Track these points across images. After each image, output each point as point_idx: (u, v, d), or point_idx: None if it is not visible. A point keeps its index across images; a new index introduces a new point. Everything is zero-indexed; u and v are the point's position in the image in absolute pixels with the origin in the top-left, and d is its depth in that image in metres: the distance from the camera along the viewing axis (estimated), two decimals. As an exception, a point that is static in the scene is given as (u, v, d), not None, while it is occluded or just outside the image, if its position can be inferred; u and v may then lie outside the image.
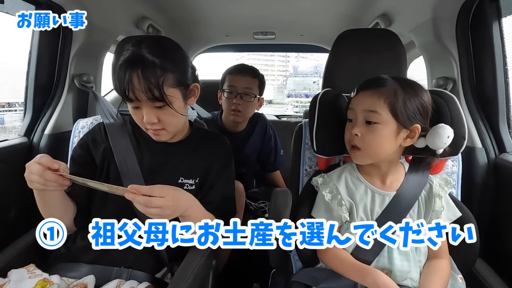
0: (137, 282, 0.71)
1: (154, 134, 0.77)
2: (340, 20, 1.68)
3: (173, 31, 1.76)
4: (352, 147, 0.73)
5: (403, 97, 0.68)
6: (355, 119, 0.73)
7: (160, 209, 0.62)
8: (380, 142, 0.70)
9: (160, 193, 0.63)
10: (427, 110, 0.70)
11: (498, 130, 1.03)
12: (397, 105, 0.67)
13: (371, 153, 0.72)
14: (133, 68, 0.68)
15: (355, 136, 0.71)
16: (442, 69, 1.20)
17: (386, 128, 0.69)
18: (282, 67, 71.39)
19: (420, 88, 0.71)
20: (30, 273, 0.67)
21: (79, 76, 1.22)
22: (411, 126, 0.69)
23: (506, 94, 1.03)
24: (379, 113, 0.68)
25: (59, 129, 1.16)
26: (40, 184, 0.62)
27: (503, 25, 1.02)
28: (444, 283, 0.68)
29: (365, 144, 0.71)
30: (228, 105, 1.34)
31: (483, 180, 1.01)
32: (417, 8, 1.22)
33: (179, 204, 0.67)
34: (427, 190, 0.75)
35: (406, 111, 0.67)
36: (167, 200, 0.63)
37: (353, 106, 0.73)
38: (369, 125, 0.69)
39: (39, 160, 0.62)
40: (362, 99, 0.71)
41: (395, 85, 0.69)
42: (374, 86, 0.70)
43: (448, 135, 0.69)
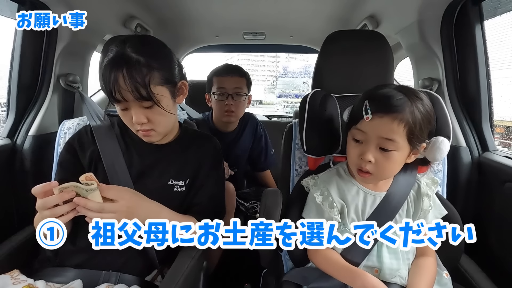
0: (126, 286, 0.70)
1: (144, 135, 0.76)
2: (328, 22, 1.70)
3: (162, 31, 1.74)
4: (361, 171, 0.69)
5: (419, 120, 0.64)
6: (366, 143, 0.67)
7: (115, 214, 0.60)
8: (394, 167, 0.68)
9: (114, 195, 0.61)
10: (432, 125, 0.70)
11: (481, 130, 1.07)
12: (415, 131, 0.64)
13: (383, 177, 0.71)
14: (118, 68, 0.67)
15: (367, 162, 0.67)
16: (427, 70, 1.23)
17: (401, 154, 0.67)
18: (272, 68, 71.60)
19: (426, 101, 0.67)
20: (14, 279, 0.64)
21: (65, 76, 1.19)
22: (420, 146, 0.69)
23: (488, 94, 1.06)
24: (397, 141, 0.64)
25: (44, 131, 1.13)
26: (57, 215, 0.59)
27: (485, 28, 1.06)
28: (431, 280, 0.70)
29: (379, 170, 0.67)
30: (220, 106, 1.34)
31: (467, 178, 1.04)
32: (403, 11, 1.25)
33: (135, 211, 0.64)
34: (416, 189, 0.76)
35: (420, 135, 0.66)
36: (121, 206, 0.61)
37: (365, 129, 0.67)
38: (384, 152, 0.66)
39: (35, 194, 0.59)
40: (379, 125, 0.64)
41: (411, 106, 0.64)
42: (393, 110, 0.63)
43: (447, 149, 0.70)
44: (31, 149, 1.08)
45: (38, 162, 1.08)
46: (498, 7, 1.09)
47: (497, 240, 0.92)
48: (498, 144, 1.10)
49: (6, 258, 0.81)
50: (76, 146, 0.81)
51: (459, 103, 1.10)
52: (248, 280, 1.26)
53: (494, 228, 0.93)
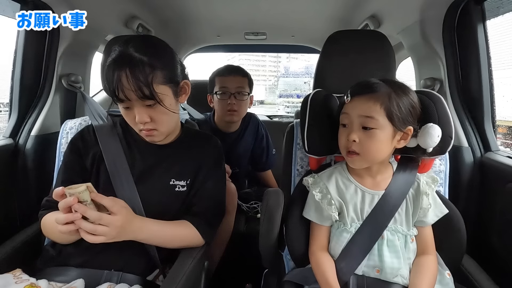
0: (128, 285, 0.70)
1: (147, 135, 0.77)
2: (330, 21, 1.70)
3: (163, 31, 1.74)
4: (349, 152, 0.73)
5: (397, 101, 0.68)
6: (350, 124, 0.72)
7: (108, 228, 0.61)
8: (378, 146, 0.70)
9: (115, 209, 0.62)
10: (417, 111, 0.72)
11: (483, 130, 1.06)
12: (392, 109, 0.67)
13: (369, 157, 0.72)
14: (121, 67, 0.67)
15: (352, 142, 0.71)
16: (429, 70, 1.23)
17: (383, 133, 0.69)
18: (273, 68, 71.48)
19: (408, 89, 0.72)
20: (16, 278, 0.65)
21: (67, 76, 1.20)
22: (405, 129, 0.70)
23: (490, 94, 1.06)
24: (376, 118, 0.68)
25: (46, 130, 1.14)
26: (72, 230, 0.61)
27: (488, 28, 1.05)
28: (432, 279, 0.70)
29: (364, 149, 0.70)
30: (223, 106, 1.34)
31: (469, 178, 1.04)
32: (405, 10, 1.24)
33: (127, 228, 0.65)
34: (415, 188, 0.76)
35: (401, 114, 0.68)
36: (117, 220, 0.62)
37: (347, 111, 0.72)
38: (366, 131, 0.69)
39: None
40: (357, 105, 0.70)
41: (388, 89, 0.69)
42: (369, 91, 0.69)
43: (438, 134, 0.71)
44: (33, 149, 1.08)
45: (40, 162, 1.09)
46: (500, 6, 1.08)
47: (499, 241, 0.92)
48: (500, 144, 1.09)
49: (8, 257, 0.81)
50: (80, 146, 0.82)
51: (461, 103, 1.10)
52: (249, 280, 1.26)
53: (496, 229, 0.93)
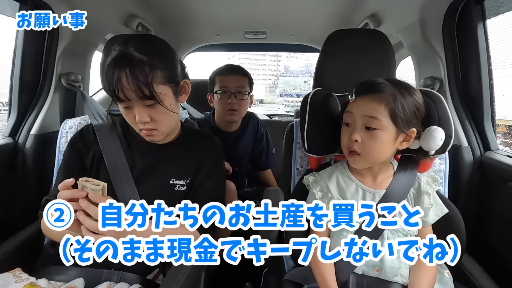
0: (128, 285, 0.70)
1: (147, 134, 0.76)
2: (330, 20, 1.70)
3: (163, 30, 1.74)
4: (351, 152, 0.72)
5: (401, 102, 0.67)
6: (353, 124, 0.72)
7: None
8: (380, 147, 0.70)
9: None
10: (422, 113, 0.71)
11: (483, 129, 1.06)
12: (397, 111, 0.67)
13: (371, 158, 0.72)
14: (121, 67, 0.67)
15: (354, 141, 0.70)
16: (429, 69, 1.23)
17: (386, 134, 0.68)
18: (273, 67, 71.38)
19: (414, 90, 0.71)
20: (16, 277, 0.65)
21: (66, 75, 1.19)
22: (408, 131, 0.70)
23: (490, 93, 1.06)
24: (380, 119, 0.67)
25: (46, 130, 1.14)
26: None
27: (488, 27, 1.05)
28: (432, 278, 0.70)
29: (365, 150, 0.70)
30: (223, 105, 1.34)
31: (469, 177, 1.04)
32: (405, 10, 1.24)
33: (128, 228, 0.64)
34: (416, 188, 0.76)
35: (405, 116, 0.68)
36: None
37: (351, 110, 0.72)
38: (369, 131, 0.69)
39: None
40: (361, 104, 0.70)
41: (393, 90, 0.68)
42: (374, 91, 0.69)
43: (442, 137, 0.70)
44: (33, 148, 1.08)
45: (39, 161, 1.09)
46: (500, 5, 1.08)
47: (499, 240, 0.92)
48: (500, 143, 1.09)
49: (8, 257, 0.81)
50: (80, 145, 0.82)
51: (461, 102, 1.10)
52: (249, 279, 1.26)
53: (496, 228, 0.93)
